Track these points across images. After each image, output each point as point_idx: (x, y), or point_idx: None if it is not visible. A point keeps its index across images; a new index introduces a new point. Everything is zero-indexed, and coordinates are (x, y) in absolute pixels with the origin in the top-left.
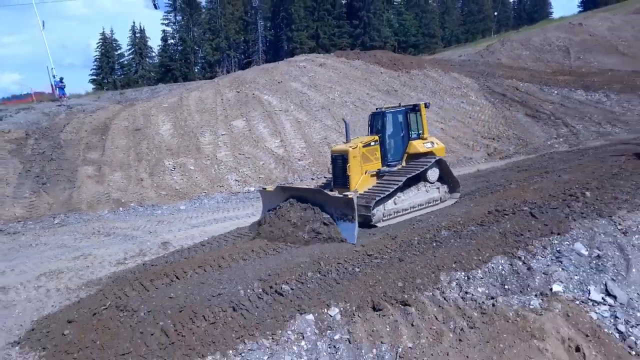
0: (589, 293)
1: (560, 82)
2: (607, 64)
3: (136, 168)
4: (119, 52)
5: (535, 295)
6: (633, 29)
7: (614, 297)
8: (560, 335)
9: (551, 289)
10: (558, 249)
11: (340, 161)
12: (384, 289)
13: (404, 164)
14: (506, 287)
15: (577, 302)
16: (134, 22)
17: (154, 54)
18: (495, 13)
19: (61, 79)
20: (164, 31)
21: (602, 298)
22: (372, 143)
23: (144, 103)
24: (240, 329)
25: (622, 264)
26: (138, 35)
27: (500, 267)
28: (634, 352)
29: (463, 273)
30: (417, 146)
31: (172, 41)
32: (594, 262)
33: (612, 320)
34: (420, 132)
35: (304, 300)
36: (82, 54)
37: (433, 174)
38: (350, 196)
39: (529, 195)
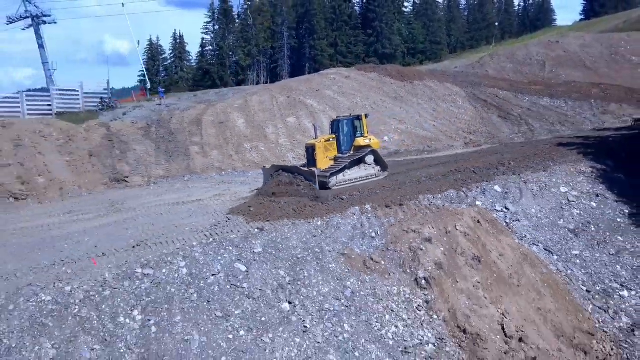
0: (495, 206)
1: (532, 91)
2: (573, 77)
3: (226, 148)
4: (163, 56)
5: (465, 205)
6: (601, 46)
7: (508, 209)
8: (471, 216)
9: (476, 203)
10: (484, 188)
11: (311, 150)
12: (390, 199)
13: (351, 152)
14: (452, 202)
15: (487, 209)
16: (175, 30)
17: (190, 58)
18: (497, 23)
19: (159, 84)
20: (202, 39)
21: (501, 209)
22: (331, 140)
23: (219, 104)
24: (328, 212)
25: (518, 196)
26: (178, 41)
27: (451, 194)
28: (509, 229)
29: (431, 195)
30: (360, 141)
31: (209, 47)
32: (503, 194)
33: (503, 218)
34: (362, 132)
35: (354, 202)
36: (94, 50)
37: (369, 159)
38: (313, 170)
39: (477, 164)
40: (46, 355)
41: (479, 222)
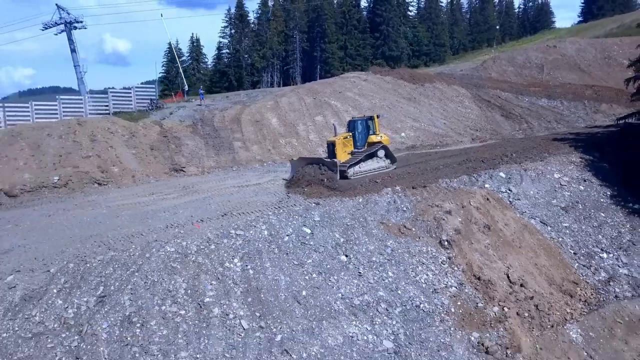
0: (500, 188)
1: (531, 92)
2: (569, 79)
3: (264, 143)
4: (182, 58)
5: (476, 187)
6: (595, 50)
7: (511, 191)
8: (482, 195)
9: (484, 186)
10: (491, 174)
11: (331, 146)
12: (416, 182)
13: (365, 147)
14: (465, 184)
15: (494, 190)
16: (192, 34)
17: (206, 60)
18: (498, 27)
19: (201, 89)
20: (219, 42)
21: (505, 190)
22: (348, 137)
23: (253, 105)
24: (367, 191)
25: (519, 180)
26: (194, 44)
27: (464, 179)
28: (512, 205)
29: (448, 179)
30: (373, 138)
31: (226, 51)
32: (506, 179)
33: (507, 197)
34: (374, 130)
35: (386, 184)
36: (94, 49)
37: (381, 153)
38: (335, 160)
39: (484, 155)
40: (180, 286)
41: (488, 199)
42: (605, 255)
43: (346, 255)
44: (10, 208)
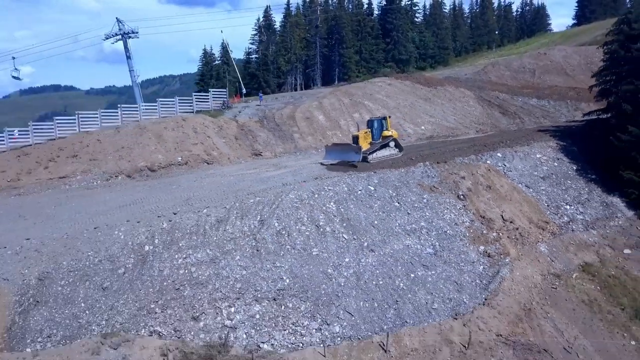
0: (497, 164)
1: (524, 93)
2: (556, 82)
3: (316, 135)
4: (215, 62)
5: (481, 162)
6: (579, 57)
7: (505, 165)
8: (485, 167)
9: (487, 162)
10: (491, 154)
11: (355, 138)
12: (440, 159)
13: (380, 140)
14: (473, 161)
15: (493, 165)
16: (223, 40)
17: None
18: (497, 32)
19: (260, 92)
20: (248, 47)
21: (501, 165)
22: (367, 132)
23: (301, 105)
24: (406, 165)
25: (511, 159)
26: (224, 49)
27: (472, 157)
28: (506, 175)
29: (460, 157)
30: (386, 133)
31: (255, 56)
32: (502, 158)
33: (502, 169)
34: (387, 127)
35: (419, 160)
36: (93, 47)
37: (392, 144)
38: (360, 146)
39: (486, 142)
40: (303, 216)
41: (489, 170)
42: (568, 207)
43: (398, 203)
44: (157, 177)
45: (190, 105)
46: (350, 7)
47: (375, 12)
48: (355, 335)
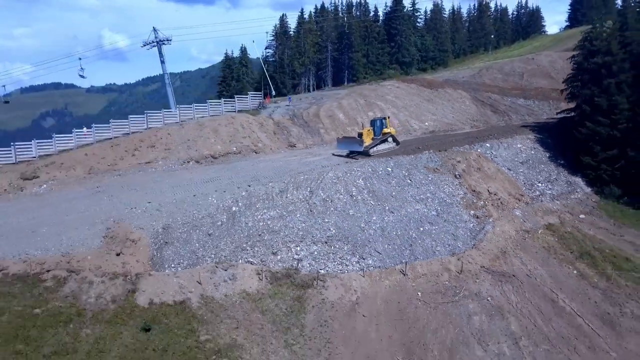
0: (486, 152)
1: (513, 94)
2: (541, 84)
3: (338, 130)
4: (235, 66)
5: (472, 150)
6: (563, 61)
7: (492, 153)
8: (476, 154)
9: (478, 150)
10: (481, 144)
11: (360, 134)
12: (441, 148)
13: (381, 135)
14: (466, 149)
15: (483, 152)
16: (242, 45)
17: (252, 66)
18: (492, 35)
19: (290, 95)
20: (265, 50)
21: (489, 153)
22: (370, 129)
23: (324, 105)
24: (415, 152)
25: (497, 148)
26: (243, 52)
27: (466, 146)
28: (492, 160)
29: (457, 147)
30: (385, 130)
31: (272, 59)
32: (490, 147)
33: (490, 156)
34: (386, 125)
35: (425, 149)
36: (92, 45)
37: (390, 139)
38: (363, 140)
39: (478, 135)
40: (339, 189)
41: (479, 156)
42: (540, 184)
43: (410, 180)
44: (219, 163)
45: (233, 106)
46: (357, 13)
47: (381, 18)
48: (383, 265)
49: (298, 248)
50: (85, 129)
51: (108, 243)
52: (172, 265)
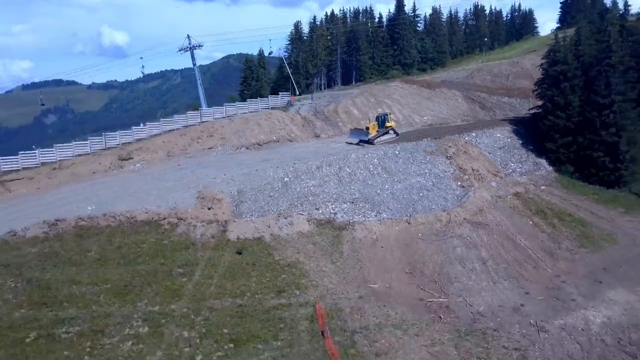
0: (472, 139)
1: (499, 93)
2: (524, 84)
3: (353, 124)
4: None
5: (461, 138)
6: None
7: (477, 140)
8: (464, 141)
9: (465, 138)
10: (469, 133)
11: (367, 128)
12: (436, 136)
13: (384, 128)
14: (457, 137)
15: (469, 140)
16: (260, 49)
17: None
18: (486, 38)
19: (312, 95)
20: (282, 52)
21: (474, 140)
22: (375, 123)
23: (340, 103)
24: (416, 139)
25: (481, 136)
26: (261, 55)
27: (457, 135)
28: (477, 146)
29: (449, 135)
30: (387, 124)
31: (287, 61)
32: (476, 136)
33: (475, 142)
34: (388, 120)
35: (423, 137)
36: (92, 42)
37: (391, 131)
38: (368, 132)
39: (467, 127)
40: (359, 166)
41: (466, 143)
42: (512, 164)
43: (412, 160)
44: (264, 149)
45: (267, 103)
46: (364, 19)
47: (385, 23)
48: (393, 217)
49: (333, 206)
50: (142, 124)
51: (200, 201)
52: (248, 216)
